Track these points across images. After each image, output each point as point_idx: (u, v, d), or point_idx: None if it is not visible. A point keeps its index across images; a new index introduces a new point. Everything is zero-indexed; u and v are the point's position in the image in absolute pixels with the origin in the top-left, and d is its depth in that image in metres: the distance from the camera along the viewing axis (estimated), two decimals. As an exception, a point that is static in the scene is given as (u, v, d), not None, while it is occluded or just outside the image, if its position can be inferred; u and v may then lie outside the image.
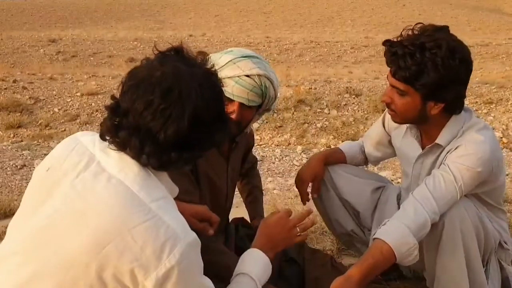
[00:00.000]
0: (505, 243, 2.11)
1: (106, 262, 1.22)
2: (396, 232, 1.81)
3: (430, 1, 46.52)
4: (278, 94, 1.99)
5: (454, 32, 1.95)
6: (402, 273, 2.40)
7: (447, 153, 1.96)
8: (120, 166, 1.30)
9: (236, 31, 33.09)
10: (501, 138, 8.14)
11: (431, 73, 1.82)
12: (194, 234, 1.30)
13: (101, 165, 1.31)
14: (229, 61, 1.87)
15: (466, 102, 9.77)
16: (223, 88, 1.84)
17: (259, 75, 1.87)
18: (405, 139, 2.19)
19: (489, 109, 8.96)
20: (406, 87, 1.88)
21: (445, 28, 1.91)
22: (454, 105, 1.94)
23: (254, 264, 1.59)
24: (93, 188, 1.28)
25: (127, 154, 1.31)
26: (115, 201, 1.26)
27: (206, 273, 1.43)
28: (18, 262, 1.30)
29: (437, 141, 2.01)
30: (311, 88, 9.80)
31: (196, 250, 1.30)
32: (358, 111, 9.06)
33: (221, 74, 1.84)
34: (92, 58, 21.82)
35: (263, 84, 1.88)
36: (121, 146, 1.30)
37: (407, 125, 2.14)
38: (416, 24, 1.91)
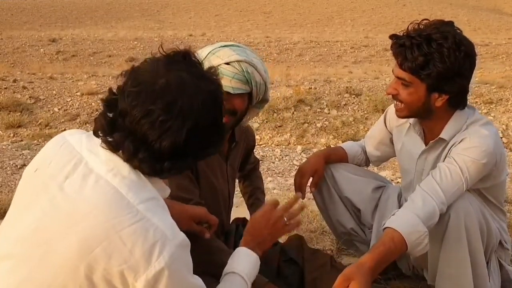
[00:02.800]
0: (505, 242, 2.12)
1: (95, 264, 1.22)
2: (407, 221, 1.81)
3: (430, 1, 46.50)
4: (268, 80, 1.98)
5: None
6: (401, 271, 2.40)
7: (451, 146, 1.97)
8: (109, 166, 1.29)
9: (236, 31, 33.07)
10: (501, 138, 8.15)
11: (437, 64, 1.85)
12: (183, 235, 1.29)
13: (89, 165, 1.30)
14: (208, 53, 1.88)
15: (466, 102, 9.60)
16: None
17: (238, 61, 1.87)
18: (408, 135, 2.20)
19: (489, 109, 8.96)
20: (411, 77, 1.91)
21: (451, 23, 1.93)
22: (458, 98, 1.96)
23: (243, 262, 1.59)
24: (81, 190, 1.27)
25: (118, 156, 1.30)
26: (103, 203, 1.25)
27: (204, 271, 1.43)
28: (8, 267, 1.29)
29: (441, 135, 2.02)
30: (311, 88, 9.79)
31: (185, 251, 1.30)
32: (358, 111, 9.05)
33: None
34: (92, 58, 21.79)
35: (244, 70, 1.87)
36: (114, 147, 1.29)
37: (410, 122, 2.16)
38: (422, 20, 1.94)
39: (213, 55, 1.87)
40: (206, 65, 1.82)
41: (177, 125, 1.25)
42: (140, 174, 1.32)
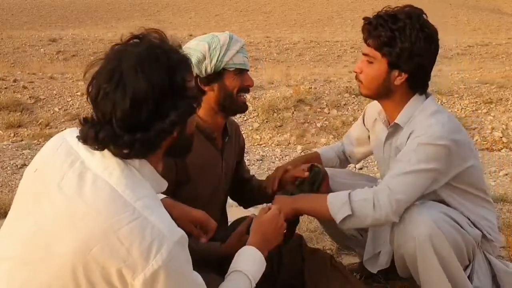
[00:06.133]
0: (489, 234, 2.10)
1: (93, 264, 1.22)
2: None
3: (430, 1, 46.48)
4: None
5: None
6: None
7: (406, 139, 1.99)
8: (104, 165, 1.30)
9: (236, 31, 33.04)
10: (501, 138, 8.14)
11: (398, 42, 1.94)
12: (181, 232, 1.29)
13: (85, 164, 1.31)
14: (229, 39, 1.99)
15: (466, 101, 9.68)
16: (233, 64, 1.95)
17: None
18: (377, 126, 2.25)
19: (489, 109, 8.96)
20: (375, 53, 2.00)
21: (419, 9, 2.02)
22: (417, 79, 2.02)
23: (250, 262, 1.59)
24: (79, 190, 1.27)
25: (90, 147, 1.32)
26: (101, 204, 1.25)
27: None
28: (9, 269, 1.30)
29: (396, 120, 2.07)
30: (311, 87, 9.80)
31: (183, 248, 1.29)
32: (358, 110, 9.06)
33: (232, 51, 1.96)
34: (92, 58, 21.55)
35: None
36: (83, 139, 1.31)
37: (378, 112, 2.22)
38: (395, 7, 2.03)
39: (233, 39, 2.00)
40: (235, 48, 1.96)
41: (120, 93, 1.26)
42: (134, 170, 1.32)
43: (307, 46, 23.95)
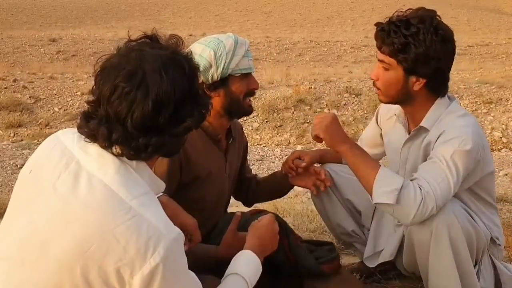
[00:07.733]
0: (497, 238, 2.12)
1: (90, 263, 1.22)
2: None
3: (430, 1, 46.47)
4: None
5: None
6: (400, 272, 2.41)
7: (434, 141, 1.97)
8: (100, 164, 1.29)
9: (236, 30, 33.03)
10: (501, 138, 8.15)
11: (413, 47, 1.90)
12: (177, 229, 1.28)
13: (80, 164, 1.30)
14: (234, 44, 1.95)
15: (466, 101, 9.68)
16: (241, 68, 1.94)
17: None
18: (394, 126, 2.24)
19: (488, 109, 8.97)
20: (390, 60, 1.96)
21: (433, 11, 1.98)
22: (436, 83, 1.99)
23: (246, 265, 1.59)
24: (74, 190, 1.26)
25: (109, 152, 1.30)
26: (96, 203, 1.24)
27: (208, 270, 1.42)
28: (7, 269, 1.29)
29: (422, 123, 2.04)
30: (311, 87, 9.80)
31: (180, 245, 1.29)
32: (358, 110, 9.07)
33: (237, 56, 1.94)
34: (92, 58, 21.73)
35: None
36: (91, 136, 1.30)
37: (396, 113, 2.19)
38: (407, 9, 2.00)
39: (238, 43, 1.96)
40: (240, 52, 1.94)
41: (142, 94, 1.25)
42: (131, 169, 1.32)
43: (307, 46, 23.96)
